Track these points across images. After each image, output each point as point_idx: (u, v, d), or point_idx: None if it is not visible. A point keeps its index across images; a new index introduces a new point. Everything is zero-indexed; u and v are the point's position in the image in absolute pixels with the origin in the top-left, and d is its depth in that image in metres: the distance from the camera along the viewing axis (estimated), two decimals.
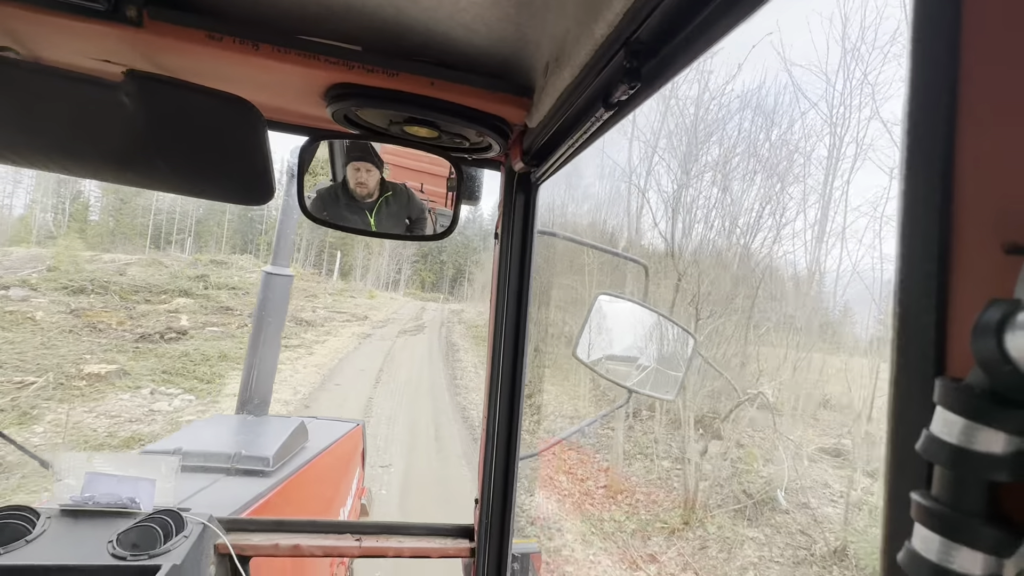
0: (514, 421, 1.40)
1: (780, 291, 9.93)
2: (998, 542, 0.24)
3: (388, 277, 63.50)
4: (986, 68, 0.27)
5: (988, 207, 0.27)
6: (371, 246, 56.47)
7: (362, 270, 59.10)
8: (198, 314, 17.79)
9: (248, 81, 1.00)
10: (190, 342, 14.35)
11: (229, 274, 26.55)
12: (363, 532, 1.52)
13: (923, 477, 0.28)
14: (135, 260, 24.98)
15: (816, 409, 9.52)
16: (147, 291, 19.44)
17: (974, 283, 0.27)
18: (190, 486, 2.14)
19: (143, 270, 23.07)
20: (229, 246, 57.88)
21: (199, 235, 58.89)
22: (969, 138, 0.27)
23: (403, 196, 1.46)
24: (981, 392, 0.24)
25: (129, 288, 19.09)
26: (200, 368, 12.21)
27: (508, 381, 1.39)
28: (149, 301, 18.45)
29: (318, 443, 3.01)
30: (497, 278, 1.38)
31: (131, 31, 0.83)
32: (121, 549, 1.25)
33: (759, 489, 7.37)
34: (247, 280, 25.51)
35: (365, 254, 59.02)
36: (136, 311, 16.63)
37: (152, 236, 52.74)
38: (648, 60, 0.64)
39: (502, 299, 1.37)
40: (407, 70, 0.95)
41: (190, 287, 21.32)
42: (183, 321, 16.26)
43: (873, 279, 8.29)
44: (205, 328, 16.13)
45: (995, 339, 0.23)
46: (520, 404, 1.41)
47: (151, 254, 32.02)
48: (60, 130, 0.89)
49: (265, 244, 60.04)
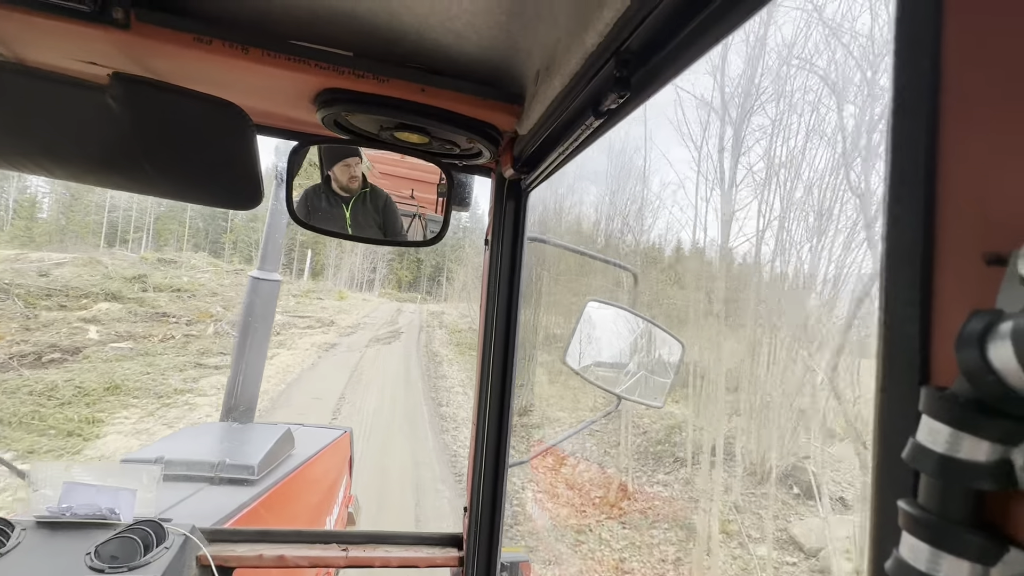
0: (503, 429, 1.40)
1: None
2: (983, 550, 0.24)
3: (362, 277, 61.10)
4: (968, 80, 0.27)
5: (969, 218, 0.27)
6: (343, 244, 54.27)
7: (334, 269, 56.93)
8: (121, 323, 15.08)
9: (237, 85, 0.99)
10: (76, 365, 10.74)
11: (177, 274, 24.02)
12: (350, 542, 1.50)
13: (909, 485, 0.28)
14: (69, 259, 21.50)
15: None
16: (65, 295, 16.53)
17: (957, 293, 0.27)
18: (172, 496, 2.09)
19: (75, 270, 19.94)
20: (191, 245, 55.57)
21: (159, 233, 55.95)
22: (951, 148, 0.28)
23: (380, 197, 1.46)
24: (965, 401, 0.25)
25: (41, 292, 16.14)
26: (66, 411, 8.27)
27: (498, 388, 1.39)
28: (64, 307, 15.62)
29: (305, 451, 2.97)
30: (487, 285, 1.38)
31: (118, 33, 0.82)
32: (99, 561, 1.22)
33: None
34: (197, 281, 22.96)
35: (338, 252, 56.66)
36: (39, 319, 13.75)
37: (107, 234, 49.94)
38: (638, 69, 0.65)
39: (492, 306, 1.36)
40: (398, 76, 0.95)
41: (121, 290, 18.40)
42: (91, 333, 13.40)
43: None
44: (107, 345, 12.49)
45: (978, 349, 0.23)
46: (510, 411, 1.40)
47: (94, 253, 27.92)
48: (44, 132, 0.87)
49: (230, 243, 57.62)
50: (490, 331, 1.37)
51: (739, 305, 9.40)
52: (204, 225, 60.10)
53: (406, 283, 72.56)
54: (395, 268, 71.97)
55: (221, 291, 22.53)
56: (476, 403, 1.43)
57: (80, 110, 0.82)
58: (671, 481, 8.45)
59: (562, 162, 1.03)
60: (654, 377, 2.05)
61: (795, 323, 8.45)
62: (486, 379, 1.39)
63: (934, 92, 0.28)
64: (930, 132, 0.29)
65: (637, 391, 2.01)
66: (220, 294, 21.86)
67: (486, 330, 1.38)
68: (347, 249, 55.53)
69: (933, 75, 0.29)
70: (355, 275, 59.33)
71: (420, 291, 70.21)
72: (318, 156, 1.41)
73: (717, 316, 9.20)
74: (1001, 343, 0.22)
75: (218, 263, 35.37)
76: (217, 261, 36.94)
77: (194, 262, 29.45)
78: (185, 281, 22.85)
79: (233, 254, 56.72)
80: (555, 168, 1.09)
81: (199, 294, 21.40)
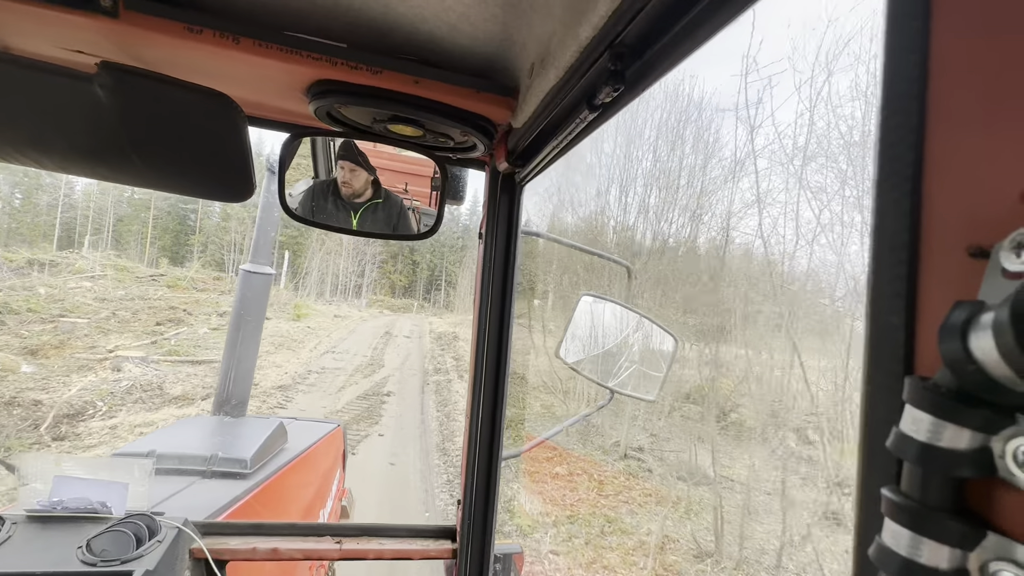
0: (497, 421, 1.40)
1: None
2: (963, 535, 0.25)
3: (347, 281, 53.76)
4: (954, 80, 0.28)
5: (954, 212, 0.28)
6: (328, 245, 48.61)
7: (319, 274, 49.17)
8: None
9: (228, 75, 0.98)
10: None
11: (49, 281, 17.07)
12: (343, 534, 1.50)
13: (893, 473, 0.29)
14: None
15: None
16: None
17: (941, 285, 0.28)
18: (164, 489, 2.09)
19: None
20: (158, 248, 52.66)
21: (120, 236, 52.38)
22: (938, 146, 0.28)
23: (391, 205, 1.44)
24: (947, 391, 0.25)
25: None
26: None
27: (491, 381, 1.39)
28: None
29: (298, 444, 2.97)
30: (481, 278, 1.38)
31: (106, 22, 0.80)
32: (91, 555, 1.21)
33: None
34: (67, 296, 15.61)
35: (322, 254, 49.61)
36: None
37: (60, 237, 46.27)
38: (632, 63, 0.65)
39: (486, 299, 1.37)
40: (391, 68, 0.94)
41: None
42: None
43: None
44: None
45: (960, 340, 0.24)
46: (503, 404, 1.41)
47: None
48: (31, 122, 0.86)
49: (199, 245, 53.34)
50: (484, 325, 1.38)
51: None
52: (171, 225, 56.60)
53: (400, 288, 65.67)
54: (387, 271, 65.20)
55: (103, 310, 15.60)
56: (470, 396, 1.43)
57: (67, 100, 0.81)
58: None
59: (556, 155, 1.03)
60: (648, 371, 2.06)
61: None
62: (480, 372, 1.39)
63: (922, 91, 0.29)
64: (917, 129, 0.29)
65: (630, 385, 2.03)
66: (102, 314, 15.11)
67: (480, 324, 1.39)
68: (332, 250, 50.83)
69: (921, 74, 0.29)
70: (340, 280, 53.44)
71: (416, 297, 63.92)
72: (312, 151, 1.40)
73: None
74: (982, 333, 0.23)
75: (129, 266, 26.80)
76: (130, 263, 28.97)
77: (82, 264, 21.65)
78: (42, 296, 15.55)
79: (201, 256, 52.60)
80: (549, 162, 1.09)
81: (49, 315, 14.49)
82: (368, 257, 56.19)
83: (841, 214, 7.48)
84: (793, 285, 8.35)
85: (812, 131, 7.93)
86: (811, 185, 7.82)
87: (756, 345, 8.87)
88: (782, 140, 10.41)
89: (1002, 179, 0.25)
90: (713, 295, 9.89)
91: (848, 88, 8.63)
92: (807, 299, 8.44)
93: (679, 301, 10.71)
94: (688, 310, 10.40)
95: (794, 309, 7.98)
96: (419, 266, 67.85)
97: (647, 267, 11.03)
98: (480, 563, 1.43)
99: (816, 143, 7.92)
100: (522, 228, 1.38)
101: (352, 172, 1.38)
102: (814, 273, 8.50)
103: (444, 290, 66.25)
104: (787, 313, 7.83)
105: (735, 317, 9.16)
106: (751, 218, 9.86)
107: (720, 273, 10.07)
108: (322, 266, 50.50)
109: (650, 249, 11.70)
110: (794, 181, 7.97)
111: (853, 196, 7.50)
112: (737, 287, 9.46)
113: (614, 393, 1.97)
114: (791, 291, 8.18)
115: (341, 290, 52.66)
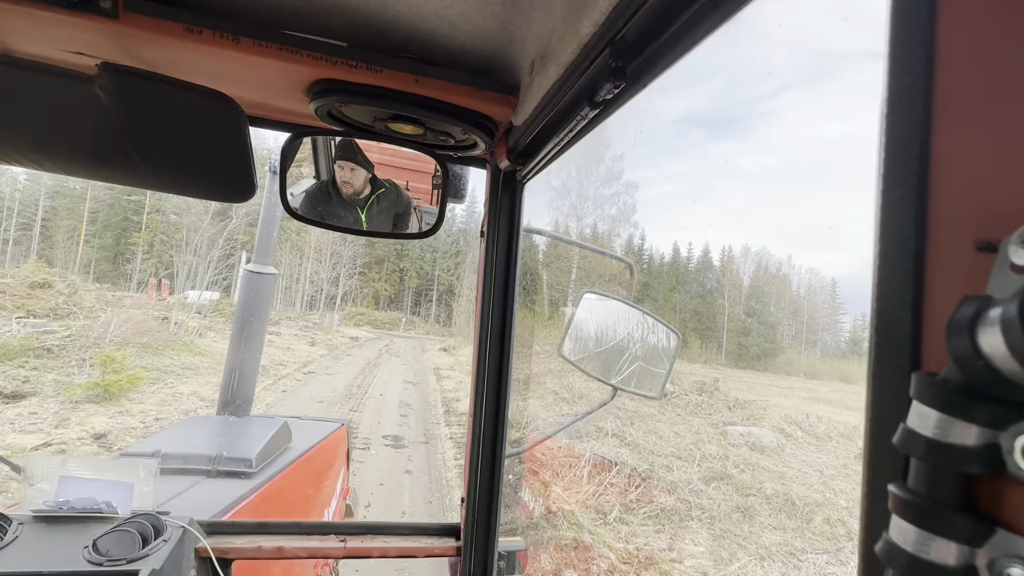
0: (500, 419, 1.40)
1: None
2: (971, 532, 0.25)
3: (328, 293, 45.41)
4: (960, 73, 0.28)
5: (961, 207, 0.27)
6: (305, 249, 42.29)
7: (286, 279, 41.57)
8: None
9: (228, 76, 0.98)
10: None
11: None
12: (348, 533, 1.51)
13: (900, 469, 0.28)
14: None
15: None
16: None
17: (948, 280, 0.28)
18: (170, 489, 2.10)
19: None
20: (96, 247, 46.58)
21: (49, 232, 44.76)
22: (943, 141, 0.28)
23: (392, 193, 1.45)
24: (955, 386, 0.25)
25: None
26: None
27: (494, 379, 1.39)
28: None
29: (302, 444, 2.97)
30: (483, 276, 1.38)
31: (106, 23, 0.80)
32: (97, 555, 1.22)
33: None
34: None
35: (292, 257, 43.08)
36: None
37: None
38: (633, 59, 0.64)
39: (488, 297, 1.37)
40: (392, 66, 0.94)
41: None
42: None
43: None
44: None
45: (968, 335, 0.23)
46: (507, 402, 1.41)
47: None
48: (32, 124, 0.86)
49: (144, 244, 46.85)
50: (486, 322, 1.38)
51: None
52: (113, 220, 47.92)
53: (385, 298, 55.37)
54: (370, 278, 54.34)
55: None
56: (473, 394, 1.43)
57: (68, 101, 0.81)
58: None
59: (557, 153, 1.03)
60: (650, 368, 2.06)
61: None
62: (483, 370, 1.39)
63: (928, 85, 0.29)
64: (923, 124, 0.29)
65: (633, 382, 2.02)
66: None
67: (482, 321, 1.39)
68: (309, 255, 44.40)
69: (927, 68, 0.29)
70: (307, 290, 44.59)
71: (404, 309, 53.41)
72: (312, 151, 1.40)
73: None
74: (991, 329, 0.22)
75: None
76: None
77: None
78: None
79: (146, 258, 45.29)
80: (550, 159, 1.08)
81: None
82: (346, 260, 47.12)
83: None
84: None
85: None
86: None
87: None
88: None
89: (1010, 172, 0.25)
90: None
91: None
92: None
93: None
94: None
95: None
96: (407, 273, 58.12)
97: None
98: (484, 560, 1.43)
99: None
100: (524, 226, 1.38)
101: (352, 171, 1.38)
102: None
103: (436, 302, 56.48)
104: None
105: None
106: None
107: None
108: (296, 272, 43.55)
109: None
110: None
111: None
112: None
113: (617, 390, 1.96)
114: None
115: (308, 303, 44.96)
